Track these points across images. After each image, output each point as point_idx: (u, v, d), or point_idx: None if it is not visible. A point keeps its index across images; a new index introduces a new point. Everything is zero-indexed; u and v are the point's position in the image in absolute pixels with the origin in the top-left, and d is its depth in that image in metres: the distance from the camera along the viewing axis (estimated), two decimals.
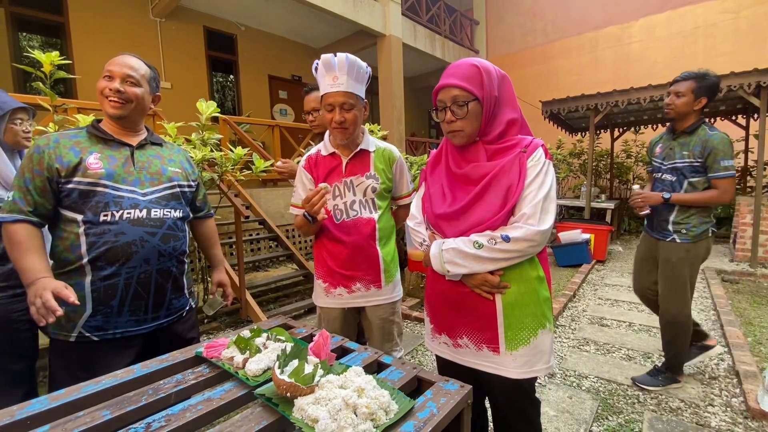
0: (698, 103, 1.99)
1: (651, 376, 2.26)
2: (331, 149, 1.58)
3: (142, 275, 1.25)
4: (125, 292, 1.22)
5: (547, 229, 1.05)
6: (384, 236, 1.60)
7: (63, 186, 1.19)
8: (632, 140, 8.17)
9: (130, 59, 1.33)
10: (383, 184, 1.58)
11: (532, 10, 10.31)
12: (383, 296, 1.61)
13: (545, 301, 1.15)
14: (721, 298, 3.65)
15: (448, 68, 1.15)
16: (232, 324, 3.38)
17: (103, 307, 1.21)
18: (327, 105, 1.46)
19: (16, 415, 0.80)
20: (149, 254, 1.26)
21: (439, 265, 1.12)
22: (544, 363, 1.14)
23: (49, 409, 0.82)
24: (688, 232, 2.05)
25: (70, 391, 0.88)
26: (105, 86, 1.27)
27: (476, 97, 1.09)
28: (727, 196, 1.97)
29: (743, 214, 5.04)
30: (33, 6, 5.50)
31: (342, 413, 0.72)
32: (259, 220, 4.49)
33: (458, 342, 1.18)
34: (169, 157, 1.43)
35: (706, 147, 1.98)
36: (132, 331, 1.26)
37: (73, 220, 1.19)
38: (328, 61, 1.42)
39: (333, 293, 1.59)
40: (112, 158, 1.26)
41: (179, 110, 5.37)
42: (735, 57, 7.50)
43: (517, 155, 1.09)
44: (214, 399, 0.85)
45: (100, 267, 1.19)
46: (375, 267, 1.57)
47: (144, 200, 1.27)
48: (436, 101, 1.16)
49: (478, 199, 1.11)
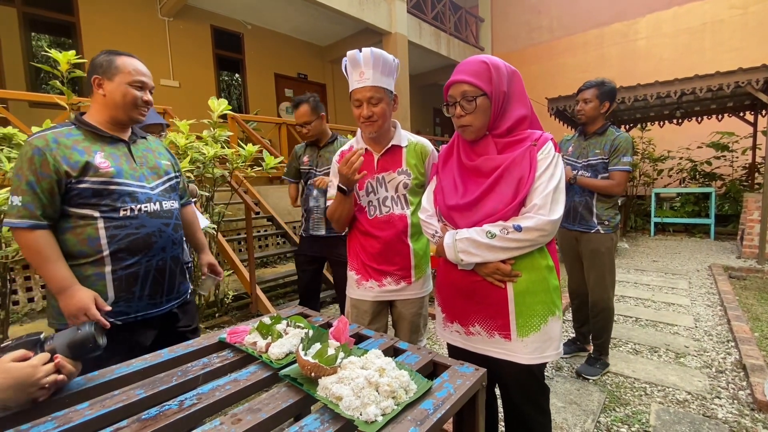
0: (603, 106, 2.26)
1: (590, 365, 2.38)
2: (364, 145, 1.59)
3: (160, 262, 1.34)
4: (145, 278, 1.30)
5: (557, 219, 1.09)
6: (416, 232, 1.59)
7: (74, 186, 1.20)
8: (638, 137, 8.13)
9: (145, 67, 1.37)
10: (415, 180, 1.57)
11: (537, 6, 10.28)
12: (413, 291, 1.61)
13: (555, 289, 1.18)
14: (728, 294, 3.65)
15: (459, 65, 1.19)
16: (243, 318, 3.44)
17: (125, 293, 1.27)
18: (355, 101, 1.47)
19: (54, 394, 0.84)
20: (165, 243, 1.35)
21: (453, 254, 1.15)
22: (554, 349, 1.18)
23: (86, 389, 0.87)
24: (609, 222, 2.30)
25: (103, 372, 0.93)
26: (139, 97, 1.31)
27: (484, 93, 1.12)
28: (620, 188, 2.25)
29: (751, 210, 5.03)
30: (45, 6, 5.58)
31: (365, 391, 0.76)
32: (267, 216, 4.54)
33: (470, 330, 1.22)
34: (156, 150, 1.47)
35: (613, 144, 2.26)
36: (151, 313, 1.34)
37: (87, 216, 1.22)
38: (353, 57, 1.43)
39: (364, 285, 1.61)
40: (115, 156, 1.29)
41: (187, 108, 5.45)
42: (743, 53, 7.45)
43: (527, 148, 1.12)
44: (240, 380, 0.89)
45: (122, 258, 1.26)
46: (406, 262, 1.58)
47: (154, 194, 1.35)
48: (447, 97, 1.20)
49: (490, 190, 1.14)
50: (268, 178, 5.81)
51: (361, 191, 1.58)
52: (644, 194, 8.24)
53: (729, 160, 7.54)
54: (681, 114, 7.06)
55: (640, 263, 5.18)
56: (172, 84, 6.70)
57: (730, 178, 7.43)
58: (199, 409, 0.79)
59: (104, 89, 1.27)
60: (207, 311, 3.29)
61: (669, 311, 3.40)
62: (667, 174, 8.09)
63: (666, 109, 6.78)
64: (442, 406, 0.78)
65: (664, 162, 8.05)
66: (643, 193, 8.31)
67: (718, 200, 7.06)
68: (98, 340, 0.88)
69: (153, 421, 0.74)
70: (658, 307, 3.52)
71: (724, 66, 5.68)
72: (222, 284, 3.45)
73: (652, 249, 6.09)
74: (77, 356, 0.86)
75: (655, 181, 8.24)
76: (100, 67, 1.27)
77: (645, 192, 8.21)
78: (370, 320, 1.62)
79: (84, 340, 0.86)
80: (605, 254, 2.30)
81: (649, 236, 7.22)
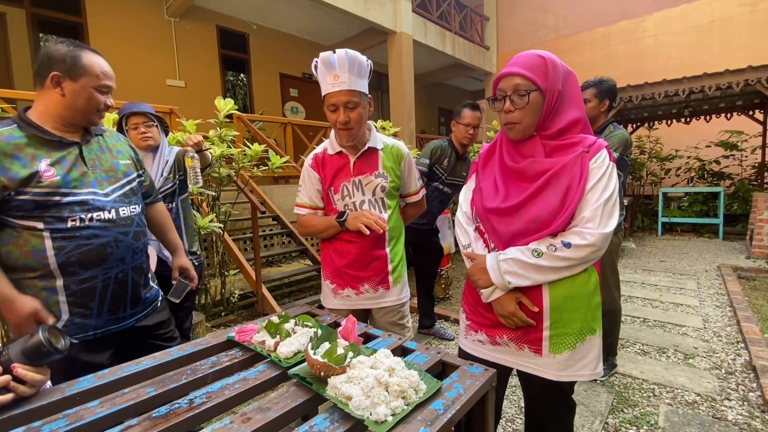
0: (603, 105, 2.23)
1: None
2: (338, 148, 1.53)
3: (120, 274, 1.22)
4: (104, 292, 1.19)
5: (609, 233, 0.99)
6: (393, 237, 1.58)
7: (13, 197, 1.07)
8: (646, 136, 8.08)
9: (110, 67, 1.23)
10: (392, 183, 1.54)
11: (543, 5, 10.23)
12: (391, 298, 1.58)
13: (596, 306, 1.10)
14: (737, 294, 3.61)
15: (513, 58, 1.10)
16: (249, 317, 3.45)
17: (82, 309, 1.17)
18: (330, 105, 1.41)
19: (65, 392, 0.85)
20: (124, 253, 1.23)
21: (498, 277, 1.05)
22: (590, 369, 1.09)
23: (96, 387, 0.88)
24: None
25: (114, 370, 0.94)
26: (102, 101, 1.19)
27: (538, 88, 1.04)
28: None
29: (760, 210, 4.97)
30: (52, 7, 5.64)
31: (375, 390, 0.75)
32: (272, 216, 4.55)
33: (497, 340, 1.14)
34: (115, 148, 1.32)
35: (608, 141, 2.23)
36: (112, 329, 1.24)
37: (30, 227, 1.10)
38: (327, 59, 1.37)
39: (341, 294, 1.57)
40: (63, 161, 1.14)
41: (193, 108, 5.47)
42: (752, 51, 7.35)
43: (579, 155, 1.02)
44: (249, 379, 0.89)
45: (73, 272, 1.14)
46: (383, 268, 1.55)
47: (108, 201, 1.21)
48: (496, 90, 1.10)
49: (534, 196, 1.05)
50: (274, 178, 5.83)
51: (337, 195, 1.53)
52: (651, 194, 8.17)
53: (738, 159, 7.46)
54: (689, 113, 6.99)
55: (647, 263, 5.13)
56: (178, 84, 6.74)
57: (739, 178, 7.35)
58: (208, 407, 0.79)
59: (64, 89, 1.13)
60: (213, 310, 3.31)
61: (677, 312, 3.37)
62: (675, 173, 8.02)
63: (674, 107, 6.72)
64: (452, 406, 0.78)
65: (672, 161, 7.98)
66: (650, 193, 8.24)
67: (727, 200, 6.98)
68: (55, 342, 0.83)
69: (163, 420, 0.74)
70: (666, 307, 3.49)
71: (733, 64, 5.61)
72: (228, 283, 3.47)
73: (660, 249, 6.04)
74: (36, 363, 0.82)
75: (663, 180, 8.16)
76: (62, 62, 1.11)
77: (652, 191, 8.15)
78: None
79: (37, 345, 0.82)
80: (605, 255, 2.25)
81: (657, 236, 7.16)
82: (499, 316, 1.10)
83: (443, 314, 3.36)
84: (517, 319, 1.06)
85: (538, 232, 1.04)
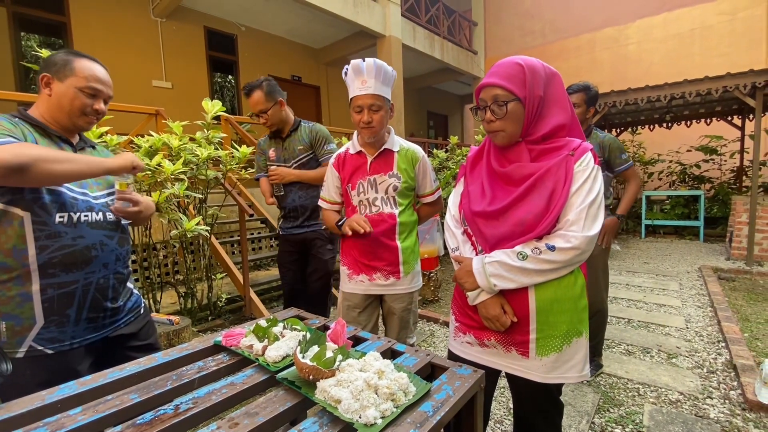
0: (589, 111, 2.27)
1: None
2: (359, 147, 1.69)
3: (101, 280, 1.19)
4: (83, 299, 1.15)
5: (593, 235, 1.00)
6: (404, 230, 1.70)
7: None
8: (629, 140, 8.25)
9: (107, 74, 1.24)
10: (405, 183, 1.67)
11: (530, 11, 10.40)
12: (402, 286, 1.72)
13: (583, 309, 1.11)
14: (717, 295, 3.70)
15: (493, 67, 1.10)
16: (237, 321, 3.41)
17: (58, 317, 1.11)
18: (356, 107, 1.57)
19: (46, 399, 0.83)
20: (108, 258, 1.21)
21: (484, 280, 1.06)
22: (577, 371, 1.10)
23: (78, 394, 0.85)
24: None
25: (97, 376, 0.92)
26: (88, 104, 1.18)
27: (517, 97, 1.04)
28: (639, 181, 2.38)
29: (739, 213, 5.11)
30: (35, 6, 5.51)
31: (364, 393, 0.75)
32: (261, 219, 4.51)
33: (485, 342, 1.16)
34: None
35: (603, 147, 2.29)
36: (90, 338, 1.18)
37: (15, 216, 1.04)
38: (357, 66, 1.54)
39: (355, 279, 1.73)
40: None
41: (179, 110, 5.40)
42: (731, 58, 7.60)
43: (564, 158, 1.04)
44: (237, 383, 0.88)
45: (53, 274, 1.09)
46: (394, 259, 1.68)
47: (97, 203, 1.20)
48: (478, 100, 1.12)
49: (519, 200, 1.06)
50: None
51: (354, 191, 1.70)
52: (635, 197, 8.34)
53: (717, 164, 7.68)
54: (671, 118, 7.18)
55: (631, 265, 5.23)
56: (165, 85, 6.64)
57: (719, 181, 7.56)
58: (195, 413, 0.77)
59: (51, 89, 1.14)
60: (200, 314, 3.26)
61: (660, 312, 3.44)
62: (657, 177, 8.21)
63: (656, 112, 6.89)
64: (441, 408, 0.78)
65: (654, 165, 8.18)
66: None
67: (707, 203, 7.18)
68: None
69: (148, 426, 0.72)
70: (650, 308, 3.56)
71: (712, 71, 5.79)
72: (215, 287, 3.42)
73: (643, 251, 6.16)
74: None
75: (646, 183, 8.35)
76: (54, 65, 1.15)
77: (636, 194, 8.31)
78: (359, 312, 1.74)
79: None
80: (598, 256, 2.31)
81: (640, 238, 7.30)
82: (483, 318, 1.11)
83: (432, 317, 3.37)
84: (500, 324, 1.08)
85: (524, 235, 1.05)
